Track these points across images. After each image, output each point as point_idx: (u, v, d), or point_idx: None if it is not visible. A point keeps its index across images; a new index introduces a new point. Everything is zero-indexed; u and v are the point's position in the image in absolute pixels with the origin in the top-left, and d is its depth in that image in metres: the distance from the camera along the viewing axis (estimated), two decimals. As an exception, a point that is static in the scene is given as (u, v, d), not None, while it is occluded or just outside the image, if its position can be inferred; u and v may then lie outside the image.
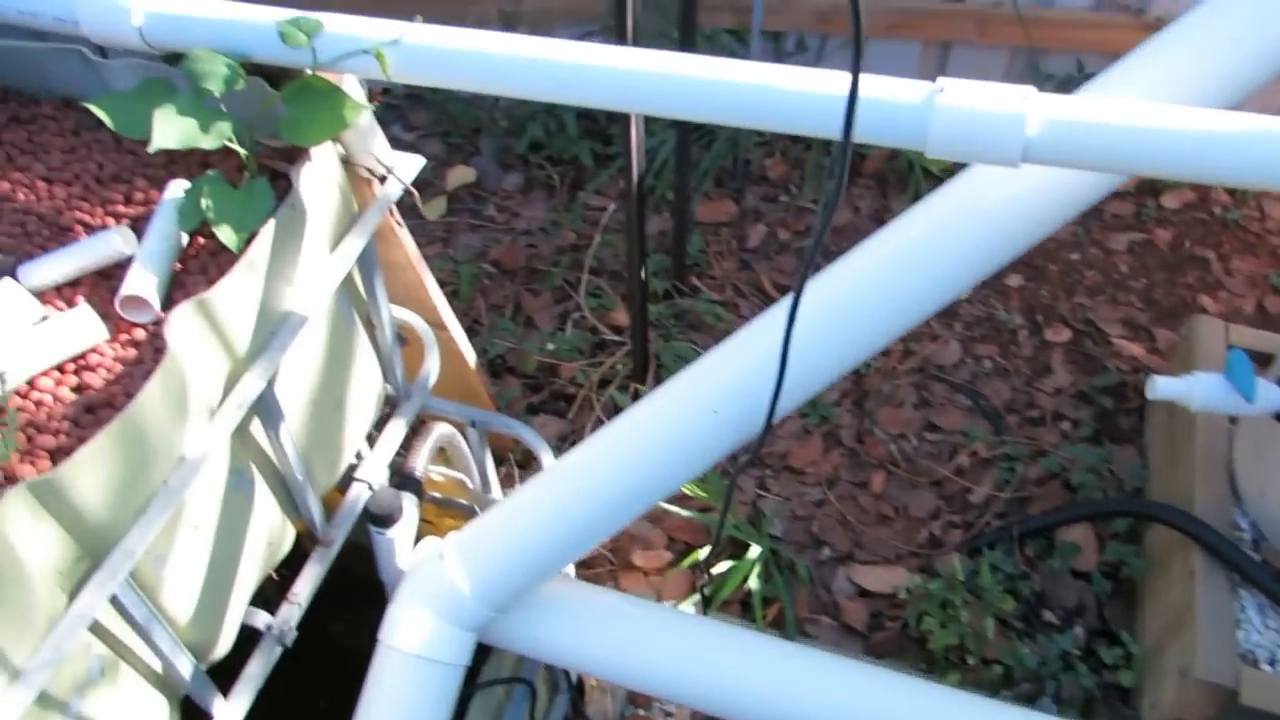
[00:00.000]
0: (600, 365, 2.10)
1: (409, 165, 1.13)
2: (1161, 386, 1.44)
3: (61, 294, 0.96)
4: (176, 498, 0.83)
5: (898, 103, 0.79)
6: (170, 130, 0.90)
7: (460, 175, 2.62)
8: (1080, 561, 1.78)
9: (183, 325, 0.82)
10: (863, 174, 2.51)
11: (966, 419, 2.03)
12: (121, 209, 1.04)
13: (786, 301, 1.00)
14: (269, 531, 1.02)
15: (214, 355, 0.87)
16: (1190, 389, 1.42)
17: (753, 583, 1.69)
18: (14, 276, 0.96)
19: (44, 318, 0.93)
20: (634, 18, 1.54)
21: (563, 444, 2.02)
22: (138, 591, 0.82)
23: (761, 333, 0.99)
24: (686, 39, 1.81)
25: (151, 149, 0.89)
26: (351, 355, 1.12)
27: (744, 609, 1.77)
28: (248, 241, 0.93)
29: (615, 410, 2.04)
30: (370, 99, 1.03)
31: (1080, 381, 2.07)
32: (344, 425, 1.12)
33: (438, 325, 1.54)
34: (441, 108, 2.71)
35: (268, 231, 0.90)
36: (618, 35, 1.56)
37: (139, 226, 1.03)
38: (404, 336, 1.36)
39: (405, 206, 1.17)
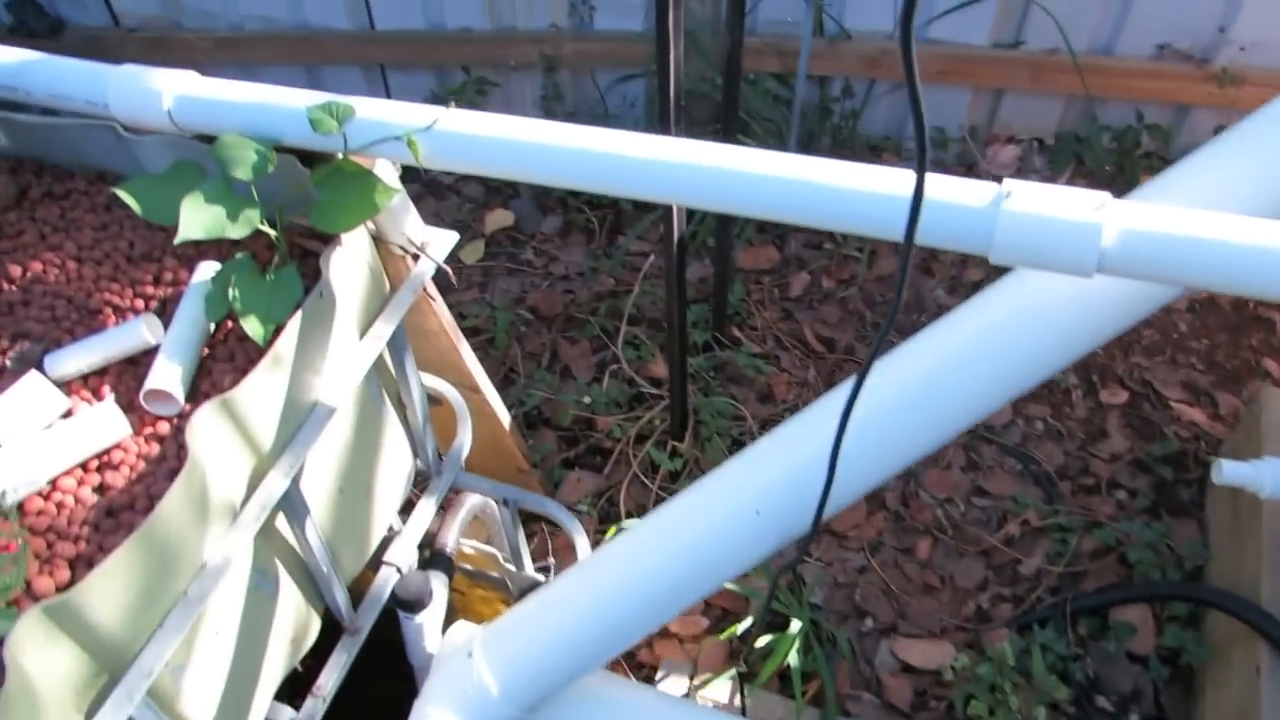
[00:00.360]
0: (638, 420, 2.06)
1: (442, 242, 1.09)
2: (1229, 472, 1.36)
3: (88, 383, 0.94)
4: (197, 608, 0.79)
5: (959, 205, 0.74)
6: (197, 220, 0.87)
7: (499, 219, 2.60)
8: (1136, 643, 1.69)
9: (204, 428, 0.79)
10: (909, 222, 2.45)
11: (1017, 484, 1.95)
12: (150, 290, 1.02)
13: (835, 395, 0.95)
14: (294, 627, 0.99)
15: (237, 454, 0.84)
16: (1260, 475, 1.34)
17: (792, 659, 1.63)
18: (41, 364, 0.94)
19: (69, 411, 0.91)
20: (677, 64, 1.50)
21: (599, 500, 1.98)
22: (155, 710, 0.79)
23: (808, 429, 0.94)
24: (730, 85, 1.76)
25: (178, 241, 0.86)
26: (380, 438, 1.09)
27: (783, 681, 1.70)
28: (275, 332, 0.90)
29: (652, 467, 1.99)
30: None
31: (1138, 448, 1.98)
32: (372, 510, 1.09)
33: (471, 388, 1.51)
34: (481, 150, 2.70)
35: (294, 324, 0.87)
36: (660, 81, 1.51)
37: (168, 308, 1.01)
38: (435, 397, 1.33)
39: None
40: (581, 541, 1.17)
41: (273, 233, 0.96)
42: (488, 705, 0.99)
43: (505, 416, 1.65)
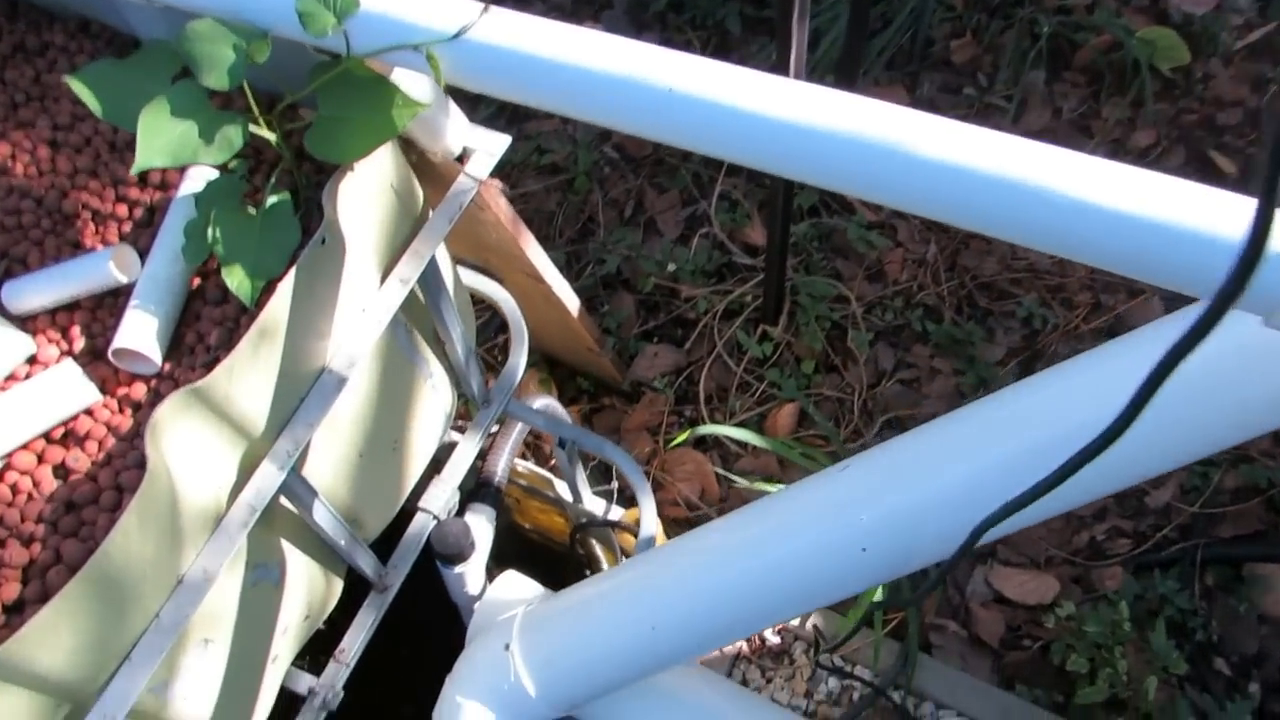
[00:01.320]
0: (727, 294, 1.84)
1: (492, 147, 0.86)
2: None
3: (56, 320, 0.78)
4: (172, 634, 0.66)
5: (1220, 239, 0.48)
6: (159, 142, 0.67)
7: (588, 34, 2.28)
8: (1270, 602, 1.50)
9: (169, 427, 0.63)
10: (1070, 66, 2.05)
11: (1157, 401, 1.69)
12: (135, 193, 0.83)
13: (977, 409, 0.72)
14: (307, 605, 0.87)
15: (217, 451, 0.68)
16: None
17: (877, 593, 1.48)
18: (-2, 295, 0.78)
19: (32, 356, 0.76)
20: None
21: (676, 378, 1.80)
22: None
23: (944, 452, 0.72)
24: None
25: (135, 171, 0.66)
26: (411, 387, 0.91)
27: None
28: (268, 287, 0.71)
29: (738, 351, 1.79)
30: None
31: (1312, 370, 1.68)
32: (403, 463, 0.94)
33: (534, 278, 1.32)
34: (572, -52, 2.34)
35: (287, 287, 0.68)
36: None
37: (156, 217, 0.82)
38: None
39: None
40: (648, 505, 1.01)
41: (272, 138, 0.75)
42: (524, 703, 0.87)
43: (573, 303, 1.45)
